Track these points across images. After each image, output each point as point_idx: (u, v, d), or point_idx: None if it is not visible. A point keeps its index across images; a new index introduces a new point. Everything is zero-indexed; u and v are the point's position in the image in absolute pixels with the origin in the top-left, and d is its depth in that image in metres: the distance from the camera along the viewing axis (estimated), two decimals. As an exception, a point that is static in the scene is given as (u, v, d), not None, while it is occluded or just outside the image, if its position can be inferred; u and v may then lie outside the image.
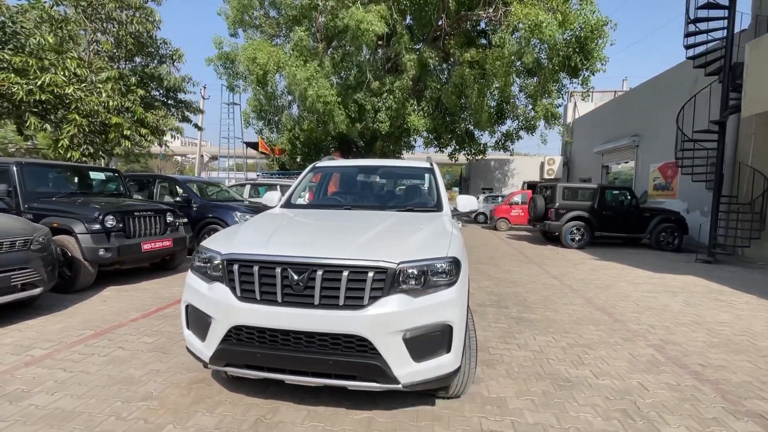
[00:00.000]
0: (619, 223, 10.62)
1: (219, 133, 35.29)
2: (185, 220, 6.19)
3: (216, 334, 2.09)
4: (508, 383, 2.79)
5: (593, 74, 13.47)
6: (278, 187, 9.63)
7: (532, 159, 25.63)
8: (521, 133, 17.24)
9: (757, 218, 8.70)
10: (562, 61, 12.83)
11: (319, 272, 1.97)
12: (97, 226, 4.78)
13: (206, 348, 2.14)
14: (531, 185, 18.44)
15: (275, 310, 1.99)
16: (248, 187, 11.28)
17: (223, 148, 33.01)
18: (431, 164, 3.90)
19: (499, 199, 18.66)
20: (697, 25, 9.09)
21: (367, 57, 14.89)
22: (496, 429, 2.24)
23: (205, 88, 28.34)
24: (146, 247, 5.27)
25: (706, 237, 9.17)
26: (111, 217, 4.92)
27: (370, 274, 1.97)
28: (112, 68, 8.86)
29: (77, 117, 7.89)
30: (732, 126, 9.48)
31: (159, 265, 6.19)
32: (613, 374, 2.99)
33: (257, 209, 7.40)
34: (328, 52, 16.40)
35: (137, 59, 10.59)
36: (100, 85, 8.23)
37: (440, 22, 14.88)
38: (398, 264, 2.00)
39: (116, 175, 6.69)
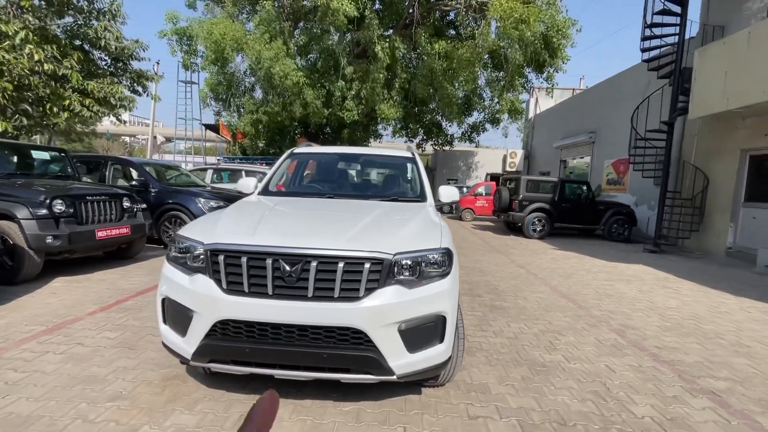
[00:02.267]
0: (577, 215, 11.24)
1: (175, 113, 32.99)
2: (144, 205, 5.78)
3: (199, 328, 1.96)
4: (488, 370, 2.87)
5: (557, 71, 14.02)
6: (254, 173, 9.25)
7: (495, 151, 26.33)
8: (486, 125, 17.68)
9: (697, 212, 9.53)
10: (530, 56, 13.23)
11: (314, 263, 1.90)
12: (44, 211, 4.33)
13: (187, 344, 2.01)
14: (494, 177, 19.03)
15: (265, 303, 1.89)
16: (210, 171, 10.74)
17: (179, 130, 31.05)
18: (413, 154, 3.86)
19: (464, 189, 19.08)
20: (653, 30, 9.65)
21: (336, 39, 14.50)
22: (482, 414, 2.30)
23: (158, 63, 26.26)
24: (101, 234, 4.86)
25: (653, 229, 9.93)
26: (60, 201, 4.47)
27: (367, 265, 1.92)
28: (29, 22, 7.64)
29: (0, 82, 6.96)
30: (679, 127, 10.23)
31: (114, 254, 5.75)
32: (583, 358, 3.16)
33: (222, 196, 7.06)
34: (295, 33, 15.78)
35: (69, 17, 9.17)
36: (30, 46, 7.26)
37: (411, 11, 14.76)
38: (394, 255, 1.97)
39: (63, 155, 6.08)
